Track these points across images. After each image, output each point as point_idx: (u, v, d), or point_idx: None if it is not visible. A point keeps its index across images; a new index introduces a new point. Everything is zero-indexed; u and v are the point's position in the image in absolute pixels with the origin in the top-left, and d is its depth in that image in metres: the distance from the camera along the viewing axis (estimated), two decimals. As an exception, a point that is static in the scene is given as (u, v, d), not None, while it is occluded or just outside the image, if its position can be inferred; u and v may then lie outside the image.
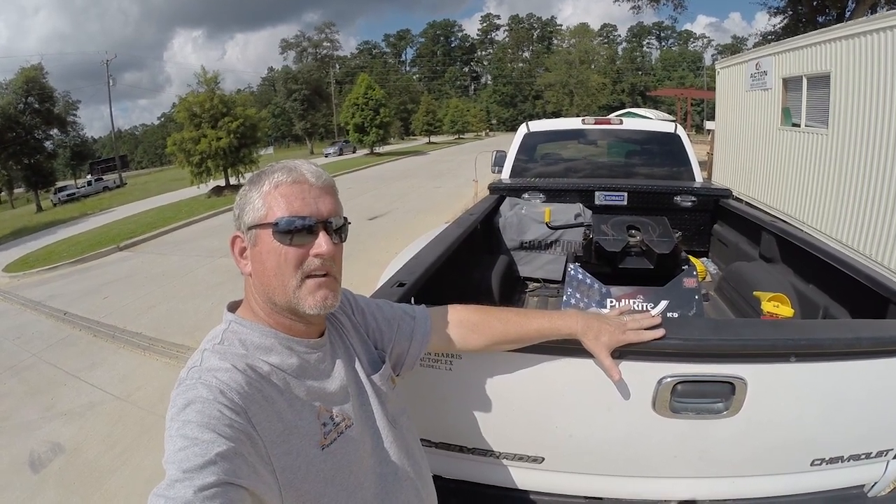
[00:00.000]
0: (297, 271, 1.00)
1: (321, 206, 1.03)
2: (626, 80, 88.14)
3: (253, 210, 1.02)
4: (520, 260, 3.85)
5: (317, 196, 1.03)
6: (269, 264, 1.00)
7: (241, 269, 1.06)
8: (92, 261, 12.25)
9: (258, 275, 1.03)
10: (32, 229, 22.15)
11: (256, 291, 1.05)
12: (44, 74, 36.26)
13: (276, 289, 1.01)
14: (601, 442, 1.54)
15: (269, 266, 1.01)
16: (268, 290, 1.02)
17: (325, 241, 1.01)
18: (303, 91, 58.49)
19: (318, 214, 1.02)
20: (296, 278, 1.00)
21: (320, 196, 1.04)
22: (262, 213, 1.01)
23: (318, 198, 1.03)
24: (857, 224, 6.20)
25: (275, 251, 1.00)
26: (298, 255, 1.00)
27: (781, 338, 1.35)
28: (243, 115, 21.02)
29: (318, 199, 1.03)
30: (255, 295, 1.05)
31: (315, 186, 1.04)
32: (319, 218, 1.02)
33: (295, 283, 1.01)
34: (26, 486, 3.82)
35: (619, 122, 4.94)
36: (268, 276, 1.01)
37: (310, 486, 0.95)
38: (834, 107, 6.72)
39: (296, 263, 1.00)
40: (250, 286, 1.06)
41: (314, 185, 1.04)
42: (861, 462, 1.49)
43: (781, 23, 21.13)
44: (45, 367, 6.06)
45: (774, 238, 2.95)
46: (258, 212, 1.01)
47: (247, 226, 1.02)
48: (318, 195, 1.03)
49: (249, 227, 1.02)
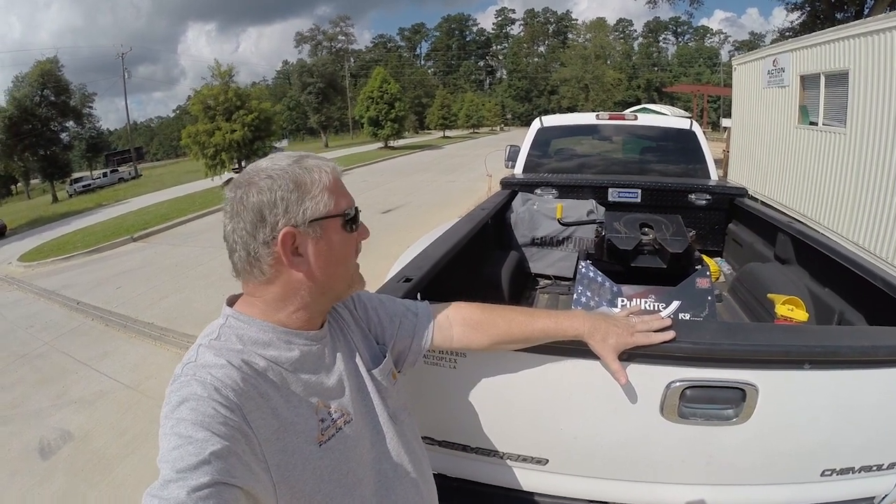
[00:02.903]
0: (355, 256, 1.09)
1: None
2: (642, 76, 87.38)
3: (315, 203, 0.99)
4: (531, 256, 3.82)
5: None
6: (340, 255, 1.05)
7: (293, 267, 0.99)
8: (106, 251, 12.39)
9: (321, 267, 1.01)
10: (48, 220, 22.49)
11: (302, 288, 1.01)
12: (59, 67, 36.75)
13: (341, 277, 1.07)
14: (607, 445, 1.51)
15: (339, 257, 1.04)
16: (331, 281, 1.04)
17: (365, 228, 1.11)
18: (318, 84, 58.40)
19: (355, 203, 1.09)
20: (355, 263, 1.10)
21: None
22: (330, 206, 1.00)
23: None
24: (874, 226, 6.10)
25: (346, 240, 1.05)
26: (356, 242, 1.09)
27: (795, 344, 1.31)
28: (258, 109, 21.12)
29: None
30: (294, 292, 1.01)
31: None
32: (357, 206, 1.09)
33: (355, 268, 1.10)
34: (36, 473, 3.86)
35: (634, 118, 4.89)
36: (334, 267, 1.04)
37: (305, 484, 0.94)
38: (852, 105, 6.60)
39: (355, 249, 1.09)
40: (288, 283, 1.01)
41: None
42: (872, 474, 1.45)
43: (799, 19, 20.99)
44: (57, 355, 6.14)
45: (790, 239, 2.89)
46: (325, 205, 1.00)
47: (308, 220, 0.98)
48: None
49: (311, 221, 0.98)
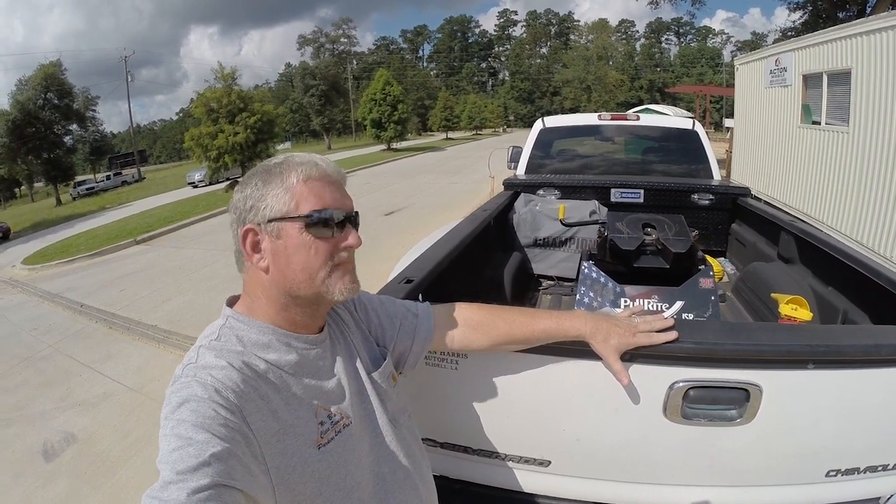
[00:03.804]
0: (328, 263, 1.02)
1: (346, 200, 1.06)
2: (645, 77, 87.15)
3: (276, 203, 0.99)
4: (534, 257, 3.81)
5: (340, 190, 1.06)
6: (297, 257, 1.00)
7: (253, 263, 1.02)
8: (109, 254, 12.44)
9: (280, 268, 1.01)
10: (51, 223, 22.57)
11: (271, 286, 1.02)
12: (62, 71, 36.82)
13: (302, 282, 1.01)
14: (610, 447, 1.50)
15: (295, 259, 1.00)
16: (291, 283, 1.01)
17: (354, 235, 1.05)
18: (320, 86, 58.42)
19: (346, 208, 1.04)
20: (325, 269, 1.02)
21: (341, 190, 1.06)
22: (290, 206, 0.99)
23: (342, 192, 1.06)
24: (878, 225, 6.07)
25: (304, 244, 1.00)
26: (329, 248, 1.01)
27: (799, 344, 1.30)
28: (261, 111, 21.15)
29: (342, 194, 1.06)
30: (264, 290, 1.03)
31: (337, 181, 1.06)
32: (348, 211, 1.04)
33: (324, 274, 1.02)
34: (39, 475, 3.87)
35: (636, 119, 4.88)
36: (293, 270, 1.00)
37: (304, 486, 0.93)
38: (855, 104, 6.57)
39: (326, 255, 1.01)
40: (258, 281, 1.04)
41: (336, 180, 1.06)
42: (878, 474, 1.44)
43: (801, 18, 20.95)
44: (60, 358, 6.16)
45: (793, 238, 2.88)
46: (284, 205, 0.99)
47: (266, 219, 0.99)
48: (341, 189, 1.06)
49: (270, 220, 0.99)
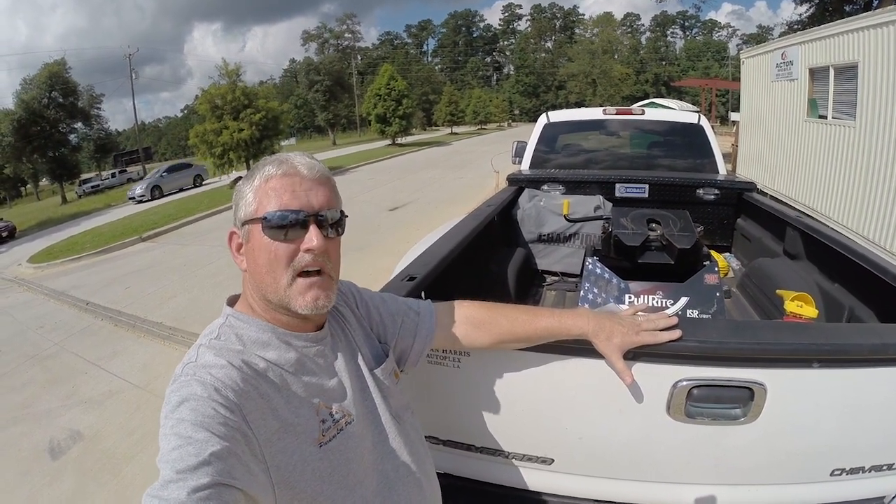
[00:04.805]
0: (288, 268, 0.98)
1: (312, 198, 1.00)
2: (650, 71, 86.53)
3: (245, 205, 1.00)
4: (538, 253, 3.80)
5: (308, 188, 1.00)
6: (261, 261, 0.98)
7: (238, 264, 1.04)
8: (114, 251, 12.49)
9: (252, 271, 1.01)
10: (57, 221, 22.68)
11: (252, 288, 1.03)
12: (66, 69, 36.89)
13: (269, 286, 0.99)
14: (613, 445, 1.50)
15: (260, 262, 0.99)
16: (261, 286, 1.00)
17: (315, 236, 0.98)
18: (325, 82, 58.51)
19: (308, 207, 0.99)
20: (287, 275, 0.98)
21: (312, 188, 1.01)
22: (252, 208, 0.99)
23: (310, 190, 1.00)
24: (884, 221, 6.03)
25: (265, 247, 0.97)
26: (289, 251, 0.97)
27: (804, 342, 1.28)
28: (265, 108, 21.14)
29: (310, 192, 1.00)
30: (251, 291, 1.03)
31: (307, 179, 1.01)
32: (310, 211, 0.99)
33: (286, 281, 0.98)
34: (46, 473, 3.89)
35: (641, 113, 4.83)
36: (260, 273, 0.99)
37: (306, 484, 0.93)
38: (862, 98, 6.52)
39: (286, 260, 0.97)
40: (247, 282, 1.05)
41: (306, 178, 1.01)
42: (882, 473, 1.42)
43: (808, 12, 20.73)
44: (66, 355, 6.19)
45: (799, 234, 2.85)
46: (249, 207, 0.99)
47: (241, 221, 1.01)
48: (309, 187, 1.00)
49: (243, 223, 1.00)
